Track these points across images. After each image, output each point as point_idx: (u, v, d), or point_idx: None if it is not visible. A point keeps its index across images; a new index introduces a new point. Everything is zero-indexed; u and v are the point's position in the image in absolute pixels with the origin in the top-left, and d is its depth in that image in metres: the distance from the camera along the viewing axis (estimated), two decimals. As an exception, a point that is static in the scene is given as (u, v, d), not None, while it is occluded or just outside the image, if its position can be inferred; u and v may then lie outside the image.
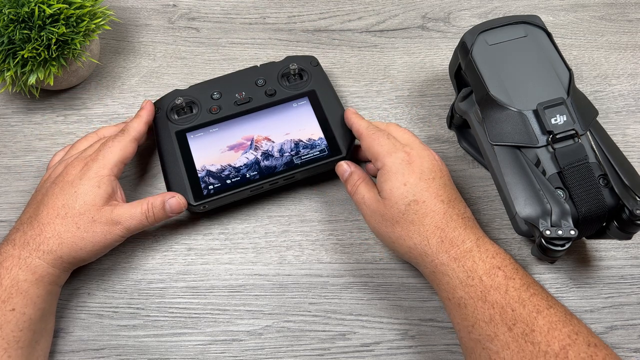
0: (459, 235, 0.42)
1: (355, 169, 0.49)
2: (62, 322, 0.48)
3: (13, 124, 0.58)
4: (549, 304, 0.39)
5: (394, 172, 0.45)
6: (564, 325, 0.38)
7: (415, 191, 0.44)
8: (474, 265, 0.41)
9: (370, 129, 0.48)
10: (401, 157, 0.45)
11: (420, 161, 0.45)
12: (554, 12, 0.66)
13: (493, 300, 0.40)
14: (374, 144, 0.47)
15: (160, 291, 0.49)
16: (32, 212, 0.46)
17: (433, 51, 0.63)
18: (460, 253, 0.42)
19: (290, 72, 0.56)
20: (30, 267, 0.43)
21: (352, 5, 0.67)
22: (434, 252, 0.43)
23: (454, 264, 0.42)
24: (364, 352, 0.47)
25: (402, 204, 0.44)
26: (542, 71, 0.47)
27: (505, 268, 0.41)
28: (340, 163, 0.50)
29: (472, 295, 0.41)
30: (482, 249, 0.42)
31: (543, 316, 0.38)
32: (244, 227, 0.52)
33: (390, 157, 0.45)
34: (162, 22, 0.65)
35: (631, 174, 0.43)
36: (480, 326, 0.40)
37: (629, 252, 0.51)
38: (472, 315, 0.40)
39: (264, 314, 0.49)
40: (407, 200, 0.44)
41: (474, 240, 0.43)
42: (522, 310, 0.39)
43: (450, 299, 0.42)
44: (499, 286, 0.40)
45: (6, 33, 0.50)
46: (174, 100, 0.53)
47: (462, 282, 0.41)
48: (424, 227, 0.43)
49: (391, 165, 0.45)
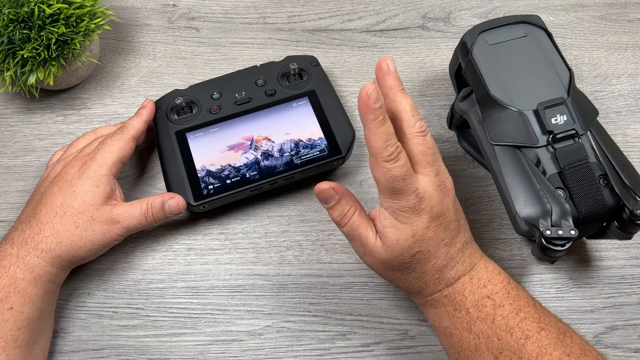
0: (455, 273, 0.41)
1: (342, 193, 0.41)
2: (61, 322, 0.48)
3: (13, 123, 0.58)
4: (540, 326, 0.39)
5: (403, 222, 0.39)
6: (555, 348, 0.37)
7: (422, 242, 0.39)
8: (463, 299, 0.41)
9: (387, 158, 0.37)
10: (413, 203, 0.38)
11: (430, 206, 0.39)
12: (554, 12, 0.66)
13: (479, 330, 0.39)
14: (385, 177, 0.38)
15: (160, 291, 0.49)
16: (31, 211, 0.46)
17: (433, 51, 0.63)
18: (452, 291, 0.41)
19: (290, 72, 0.56)
20: (28, 266, 0.43)
21: (352, 5, 0.67)
22: (429, 292, 0.42)
23: (444, 300, 0.41)
24: (364, 352, 0.47)
25: (407, 255, 0.40)
26: (542, 71, 0.47)
27: (495, 296, 0.40)
28: (320, 186, 0.41)
29: (458, 326, 0.40)
30: (474, 280, 0.41)
31: (532, 341, 0.38)
32: (244, 227, 0.52)
33: (400, 201, 0.38)
34: (162, 22, 0.65)
35: (631, 173, 0.43)
36: (466, 355, 0.40)
37: (629, 252, 0.51)
38: (458, 344, 0.40)
39: (264, 314, 0.48)
40: (413, 252, 0.40)
41: (468, 271, 0.41)
42: (509, 338, 0.38)
43: (437, 326, 0.42)
44: (486, 317, 0.39)
45: (6, 33, 0.49)
46: (174, 100, 0.53)
47: (449, 313, 0.41)
48: (424, 274, 0.41)
49: (401, 213, 0.39)
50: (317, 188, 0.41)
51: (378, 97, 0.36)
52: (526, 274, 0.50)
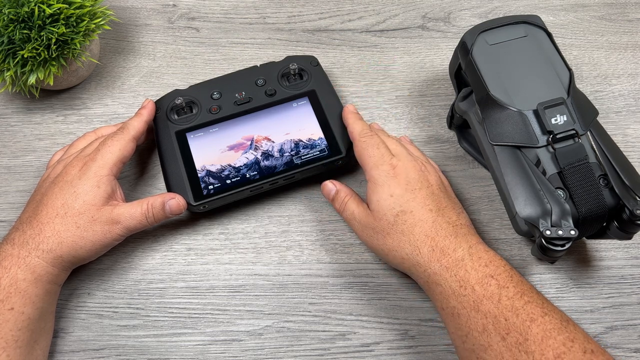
0: (450, 243, 0.43)
1: (341, 187, 0.50)
2: (61, 322, 0.48)
3: (13, 124, 0.58)
4: (544, 311, 0.39)
5: (380, 184, 0.45)
6: (559, 333, 0.38)
7: (402, 202, 0.44)
8: (467, 275, 0.41)
9: (363, 135, 0.48)
10: (387, 169, 0.46)
11: (405, 172, 0.46)
12: (554, 12, 0.66)
13: (486, 310, 0.40)
14: (363, 153, 0.47)
15: (160, 291, 0.49)
16: (32, 211, 0.46)
17: (433, 51, 0.63)
18: (451, 262, 0.42)
19: (290, 72, 0.56)
20: (29, 267, 0.43)
21: (352, 5, 0.67)
22: (426, 262, 0.43)
23: (446, 274, 0.42)
24: (364, 352, 0.47)
25: (390, 215, 0.44)
26: (542, 71, 0.47)
27: (499, 276, 0.41)
28: (325, 183, 0.50)
29: (465, 305, 0.41)
30: (474, 257, 0.42)
31: (537, 324, 0.38)
32: (244, 227, 0.52)
33: (377, 169, 0.46)
34: (162, 22, 0.65)
35: (631, 174, 0.43)
36: (474, 336, 0.40)
37: (629, 252, 0.51)
38: (466, 325, 0.40)
39: (264, 314, 0.48)
40: (395, 211, 0.44)
41: (466, 248, 0.43)
42: (516, 319, 0.39)
43: (444, 308, 0.42)
44: (492, 295, 0.40)
45: (6, 33, 0.49)
46: (174, 100, 0.53)
47: (454, 291, 0.41)
48: (414, 237, 0.43)
49: (377, 178, 0.46)
50: (322, 185, 0.51)
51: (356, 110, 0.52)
52: (526, 274, 0.50)
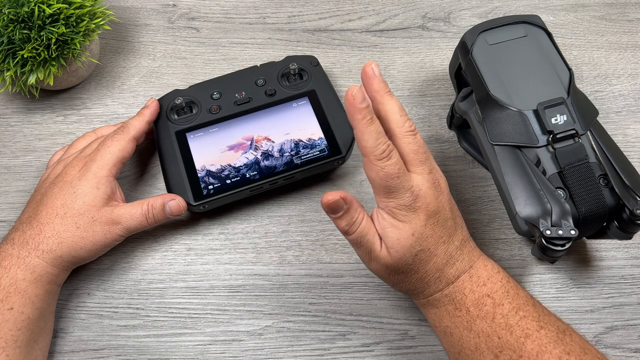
0: (455, 271, 0.41)
1: (351, 202, 0.40)
2: (61, 322, 0.48)
3: (13, 124, 0.58)
4: (539, 325, 0.39)
5: (401, 219, 0.39)
6: (555, 347, 0.37)
7: (421, 240, 0.40)
8: (463, 298, 0.41)
9: (379, 157, 0.38)
10: (408, 202, 0.39)
11: (425, 204, 0.39)
12: (554, 12, 0.66)
13: (479, 329, 0.39)
14: (381, 184, 0.38)
15: (160, 291, 0.49)
16: (31, 211, 0.46)
17: (433, 51, 0.63)
18: (452, 289, 0.41)
19: (290, 72, 0.56)
20: (29, 267, 0.43)
21: (352, 5, 0.67)
22: (430, 292, 0.42)
23: (445, 299, 0.41)
24: (364, 352, 0.47)
25: (409, 256, 0.40)
26: (542, 71, 0.47)
27: (495, 294, 0.40)
28: (329, 197, 0.39)
29: (458, 325, 0.40)
30: (473, 279, 0.41)
31: (532, 340, 0.38)
32: (243, 227, 0.52)
33: (397, 201, 0.39)
34: (162, 22, 0.65)
35: (631, 173, 0.43)
36: (467, 354, 0.40)
37: (629, 252, 0.51)
38: (458, 343, 0.40)
39: (264, 314, 0.48)
40: (415, 251, 0.40)
41: (467, 269, 0.41)
42: (509, 336, 0.38)
43: (437, 326, 0.42)
44: (486, 315, 0.39)
45: (6, 33, 0.49)
46: (174, 100, 0.53)
47: (449, 312, 0.41)
48: (425, 274, 0.41)
49: (397, 212, 0.39)
50: (324, 200, 0.39)
51: (364, 98, 0.36)
52: (526, 274, 0.50)
